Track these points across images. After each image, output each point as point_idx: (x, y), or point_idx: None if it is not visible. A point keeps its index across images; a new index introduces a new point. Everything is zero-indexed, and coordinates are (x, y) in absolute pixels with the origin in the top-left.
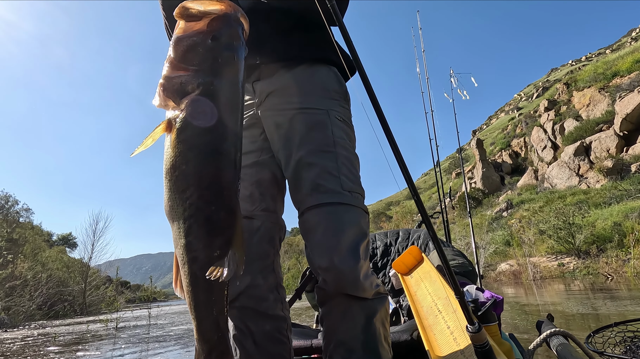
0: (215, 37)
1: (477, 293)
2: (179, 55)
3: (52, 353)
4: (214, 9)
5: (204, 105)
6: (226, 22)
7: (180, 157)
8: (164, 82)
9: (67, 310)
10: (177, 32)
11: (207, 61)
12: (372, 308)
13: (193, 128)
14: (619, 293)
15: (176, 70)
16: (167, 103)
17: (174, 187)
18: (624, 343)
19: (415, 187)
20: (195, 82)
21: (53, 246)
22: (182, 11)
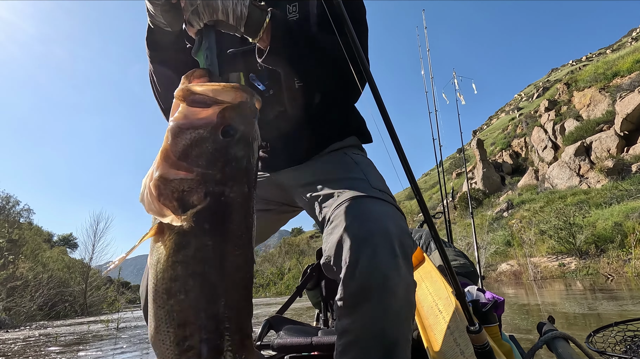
0: (227, 133)
1: (478, 293)
2: (179, 151)
3: (53, 353)
4: (226, 96)
5: (211, 224)
6: (242, 114)
7: (178, 284)
8: (159, 185)
9: (67, 311)
10: (178, 118)
11: (217, 163)
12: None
13: (198, 252)
14: (619, 293)
15: (176, 169)
16: (163, 212)
17: (168, 319)
18: (624, 342)
19: (418, 187)
20: (201, 190)
21: (54, 246)
22: (185, 94)
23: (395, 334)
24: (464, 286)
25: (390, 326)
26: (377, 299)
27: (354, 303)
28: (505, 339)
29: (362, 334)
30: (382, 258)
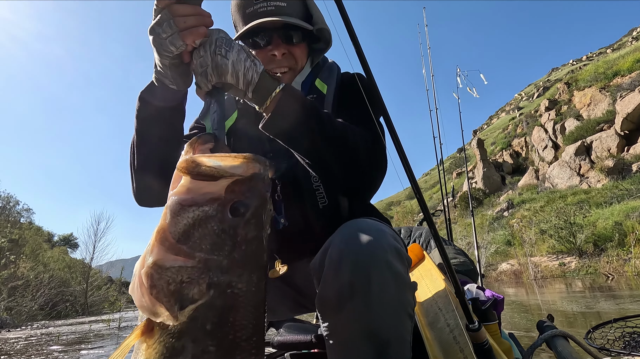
0: (237, 210)
1: (478, 291)
2: (179, 232)
3: (55, 351)
4: (237, 168)
5: (217, 324)
6: (254, 188)
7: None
8: (153, 273)
9: (68, 310)
10: (179, 193)
11: (223, 247)
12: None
13: (195, 357)
14: (619, 292)
15: (174, 254)
16: (155, 309)
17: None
18: (622, 338)
19: (417, 185)
20: (204, 281)
21: (54, 246)
22: (189, 166)
23: (387, 333)
24: (463, 284)
25: (380, 325)
26: (363, 297)
27: (338, 302)
28: (504, 337)
29: (350, 335)
30: (368, 253)
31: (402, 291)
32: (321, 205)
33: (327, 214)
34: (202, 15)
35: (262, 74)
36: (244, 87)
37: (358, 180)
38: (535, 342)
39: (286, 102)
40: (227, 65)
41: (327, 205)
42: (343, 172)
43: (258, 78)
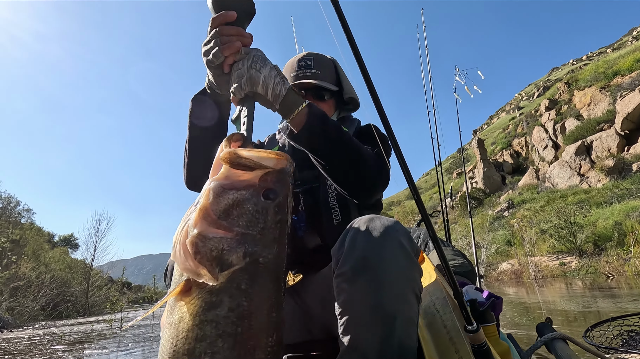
0: (268, 196)
1: (476, 293)
2: (220, 210)
3: (59, 351)
4: (269, 162)
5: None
6: (282, 179)
7: (205, 344)
8: (197, 242)
9: (70, 311)
10: (219, 178)
11: (257, 224)
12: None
13: (231, 310)
14: (619, 291)
15: (215, 228)
16: (198, 270)
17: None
18: (620, 336)
19: (415, 185)
20: (240, 250)
21: (55, 247)
22: (231, 157)
23: (393, 308)
24: (462, 286)
25: (388, 300)
26: (374, 271)
27: (353, 276)
28: (503, 338)
29: (360, 308)
30: (383, 234)
31: (411, 271)
32: (335, 221)
33: (340, 230)
34: (242, 36)
35: (289, 90)
36: (272, 98)
37: (366, 185)
38: (534, 344)
39: (314, 117)
40: (259, 77)
41: (341, 221)
42: (355, 179)
43: (285, 92)
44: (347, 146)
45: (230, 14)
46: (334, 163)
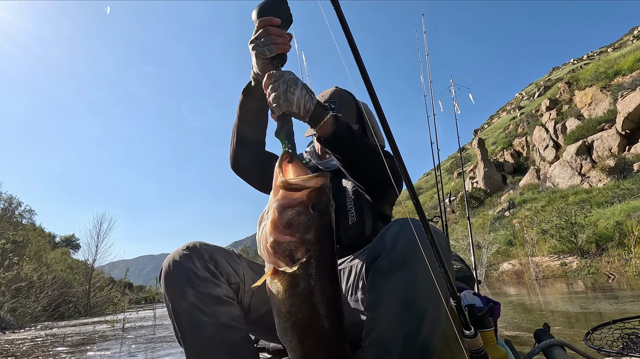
0: (315, 207)
1: (474, 298)
2: (284, 222)
3: (62, 353)
4: (311, 183)
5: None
6: (323, 193)
7: (295, 308)
8: (274, 246)
9: (71, 311)
10: (279, 200)
11: (311, 229)
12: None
13: (306, 288)
14: (620, 292)
15: (283, 235)
16: (278, 263)
17: (292, 329)
18: (621, 339)
19: (415, 193)
20: (303, 249)
21: (56, 247)
22: (284, 185)
23: (425, 305)
24: (460, 291)
25: (420, 297)
26: (410, 268)
27: (389, 270)
28: (500, 344)
29: (392, 302)
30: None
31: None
32: (350, 221)
33: (354, 230)
34: (285, 37)
35: (317, 106)
36: (304, 114)
37: (382, 182)
38: (531, 351)
39: (340, 125)
40: (293, 99)
41: (355, 222)
42: (377, 176)
43: (314, 108)
44: (368, 147)
45: (276, 20)
46: (358, 162)
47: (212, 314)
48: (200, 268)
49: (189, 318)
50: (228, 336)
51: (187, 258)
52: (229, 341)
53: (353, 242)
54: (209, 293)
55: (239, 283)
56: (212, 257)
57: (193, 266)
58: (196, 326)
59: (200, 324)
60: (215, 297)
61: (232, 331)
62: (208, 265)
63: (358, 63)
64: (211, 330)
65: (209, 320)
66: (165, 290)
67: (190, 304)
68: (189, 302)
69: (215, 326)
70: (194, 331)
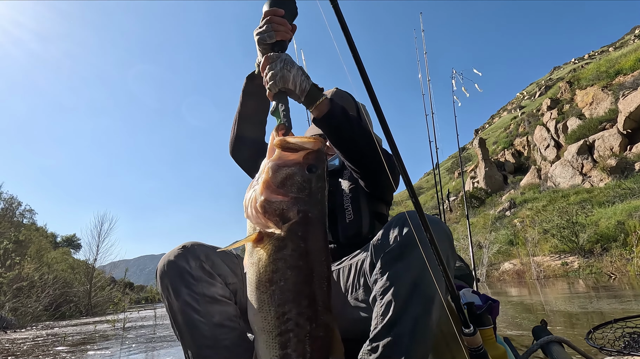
0: (310, 169)
1: (473, 296)
2: (277, 182)
3: (62, 352)
4: (309, 145)
5: (305, 231)
6: (320, 157)
7: (279, 274)
8: (265, 205)
9: (72, 311)
10: (274, 159)
11: (304, 190)
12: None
13: (294, 250)
14: (622, 291)
15: (275, 194)
16: (267, 223)
17: (270, 300)
18: (623, 338)
19: (414, 191)
20: (295, 209)
21: (57, 247)
22: (282, 143)
23: (434, 288)
24: (459, 289)
25: (431, 278)
26: (421, 250)
27: (400, 253)
28: (499, 341)
29: (403, 284)
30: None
31: (452, 256)
32: (348, 219)
33: (352, 228)
34: (286, 26)
35: (312, 86)
36: (299, 92)
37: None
38: (530, 348)
39: (335, 104)
40: (289, 76)
41: (352, 219)
42: (370, 157)
43: (309, 88)
44: (364, 130)
45: (280, 11)
46: (353, 144)
47: (205, 313)
48: (195, 267)
49: (183, 316)
50: (222, 335)
51: (182, 257)
52: (223, 340)
53: (350, 241)
54: (203, 293)
55: (237, 283)
56: (208, 257)
57: (187, 265)
58: (190, 325)
59: (194, 323)
60: (209, 296)
61: (226, 330)
62: (203, 264)
63: (357, 62)
64: (205, 329)
65: (202, 319)
66: (160, 289)
67: (184, 303)
68: (183, 301)
69: (208, 325)
70: (188, 329)
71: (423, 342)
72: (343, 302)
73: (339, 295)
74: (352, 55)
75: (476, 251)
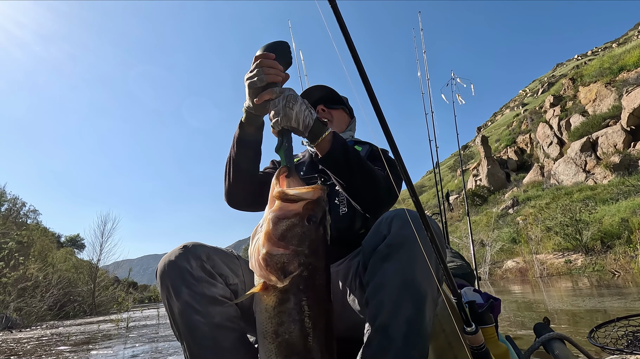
0: (310, 220)
1: (475, 294)
2: (278, 234)
3: (65, 352)
4: (308, 195)
5: (306, 284)
6: (319, 206)
7: (283, 327)
8: (266, 258)
9: (77, 311)
10: (275, 211)
11: (305, 242)
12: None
13: (295, 305)
14: (626, 289)
15: (276, 247)
16: (269, 277)
17: (278, 351)
18: (625, 337)
19: (414, 189)
20: (296, 262)
21: (61, 247)
22: (281, 195)
23: (425, 286)
24: (460, 287)
25: (421, 276)
26: (408, 249)
27: (388, 253)
28: (501, 340)
29: (393, 284)
30: (415, 220)
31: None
32: (341, 212)
33: (345, 221)
34: (276, 68)
35: (316, 121)
36: (303, 129)
37: (377, 202)
38: (532, 345)
39: (336, 143)
40: (292, 114)
41: (346, 213)
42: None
43: (313, 123)
44: (363, 169)
45: (271, 55)
46: (351, 183)
47: (205, 314)
48: (196, 267)
49: (183, 317)
50: (221, 336)
51: (183, 257)
52: (223, 341)
53: (342, 234)
54: (203, 293)
55: (238, 284)
56: (209, 257)
57: (188, 265)
58: (190, 325)
59: (194, 324)
60: (209, 297)
61: (226, 331)
62: (204, 265)
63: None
64: (204, 330)
65: (203, 320)
66: (160, 288)
67: (184, 303)
68: (183, 301)
69: (208, 326)
70: (188, 330)
71: (418, 344)
72: (342, 304)
73: (338, 297)
74: (351, 56)
75: (479, 249)
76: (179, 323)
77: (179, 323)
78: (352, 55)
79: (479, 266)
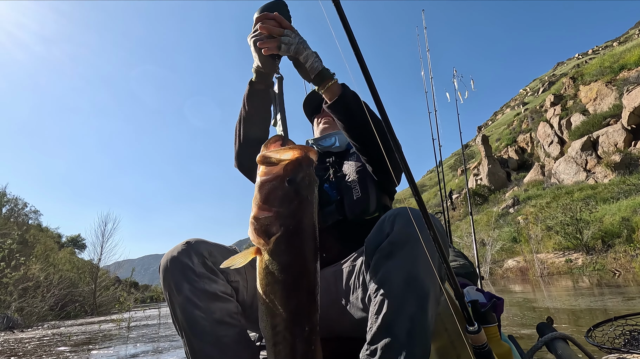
0: (290, 181)
1: (477, 294)
2: (262, 198)
3: (65, 352)
4: (286, 155)
5: (285, 246)
6: (299, 166)
7: (269, 288)
8: (254, 222)
9: (78, 311)
10: (259, 175)
11: (285, 203)
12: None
13: (278, 266)
14: (627, 288)
15: (261, 211)
16: (259, 241)
17: (267, 311)
18: (623, 336)
19: (417, 188)
20: (277, 223)
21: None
22: (262, 159)
23: (428, 284)
24: (463, 287)
25: (424, 274)
26: (411, 247)
27: (391, 250)
28: (504, 339)
29: (398, 280)
30: (419, 215)
31: (445, 251)
32: (355, 196)
33: (359, 205)
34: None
35: (324, 68)
36: (310, 69)
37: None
38: (535, 345)
39: (348, 88)
40: (303, 50)
41: (360, 197)
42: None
43: (321, 68)
44: (376, 118)
45: (271, 14)
46: (363, 127)
47: (206, 310)
48: (197, 263)
49: (184, 312)
50: (222, 332)
51: (185, 253)
52: (223, 336)
53: (357, 217)
54: (204, 289)
55: (239, 281)
56: (211, 254)
57: (190, 261)
58: (190, 320)
59: (194, 319)
60: (210, 293)
61: (226, 327)
62: (206, 261)
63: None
64: (205, 325)
65: (203, 315)
66: (163, 284)
67: (185, 298)
68: (184, 297)
69: (209, 322)
70: (188, 325)
71: (421, 341)
72: (345, 302)
73: (341, 295)
74: (354, 54)
75: (479, 249)
76: (180, 318)
77: (180, 318)
78: (355, 54)
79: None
